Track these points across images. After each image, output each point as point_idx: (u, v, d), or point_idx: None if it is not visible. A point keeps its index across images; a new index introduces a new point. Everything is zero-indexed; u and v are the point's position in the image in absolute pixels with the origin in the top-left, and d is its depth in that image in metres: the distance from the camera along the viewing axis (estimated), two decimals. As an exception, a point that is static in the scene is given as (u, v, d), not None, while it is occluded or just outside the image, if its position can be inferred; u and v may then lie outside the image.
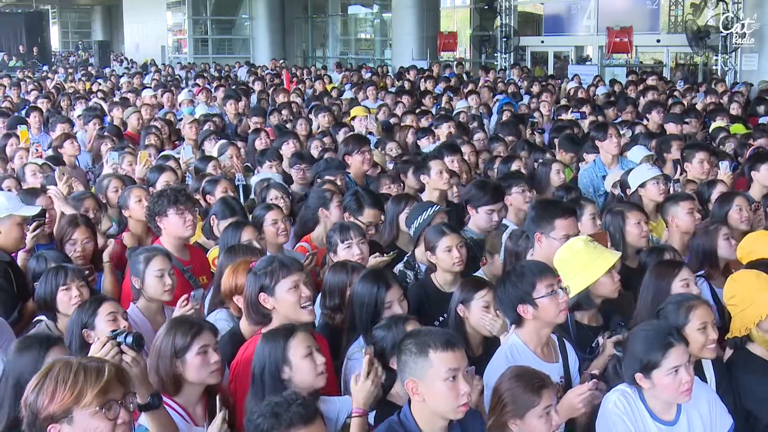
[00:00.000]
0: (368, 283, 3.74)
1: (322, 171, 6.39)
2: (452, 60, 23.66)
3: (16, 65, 30.41)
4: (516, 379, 3.02)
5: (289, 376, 3.06)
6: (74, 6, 46.34)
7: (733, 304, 3.73)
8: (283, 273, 3.47)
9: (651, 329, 3.17)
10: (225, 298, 3.94)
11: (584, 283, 3.70)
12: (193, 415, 3.15)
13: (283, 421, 2.54)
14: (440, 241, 4.29)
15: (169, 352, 3.09)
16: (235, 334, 3.70)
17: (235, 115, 10.88)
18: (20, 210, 4.60)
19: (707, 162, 6.42)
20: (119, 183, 5.93)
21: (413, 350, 2.84)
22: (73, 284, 3.97)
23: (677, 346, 3.06)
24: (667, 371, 3.04)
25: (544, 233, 4.26)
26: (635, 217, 4.74)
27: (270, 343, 3.13)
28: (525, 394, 2.97)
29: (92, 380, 2.24)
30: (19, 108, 12.75)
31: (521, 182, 5.56)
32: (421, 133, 8.60)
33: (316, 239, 5.20)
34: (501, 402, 3.01)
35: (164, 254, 4.15)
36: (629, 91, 13.49)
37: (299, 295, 3.47)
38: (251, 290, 3.51)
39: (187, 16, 31.90)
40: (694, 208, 5.02)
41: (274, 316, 3.49)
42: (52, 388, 2.24)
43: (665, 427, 3.15)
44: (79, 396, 2.22)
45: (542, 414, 2.96)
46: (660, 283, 3.88)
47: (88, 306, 3.61)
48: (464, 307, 3.80)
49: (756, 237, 4.53)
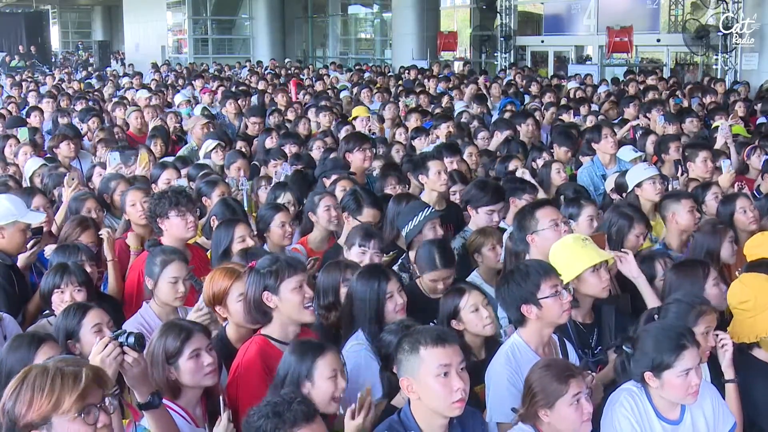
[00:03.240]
0: (367, 277, 3.73)
1: (328, 171, 6.40)
2: (452, 60, 23.68)
3: (18, 65, 30.42)
4: (545, 369, 3.03)
5: (309, 391, 3.02)
6: (74, 6, 46.30)
7: (744, 309, 3.64)
8: (289, 272, 3.44)
9: (665, 329, 3.16)
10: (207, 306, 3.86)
11: (566, 277, 3.65)
12: (194, 416, 3.16)
13: (286, 420, 2.53)
14: (429, 274, 4.22)
15: (161, 359, 3.08)
16: (221, 339, 3.69)
17: (235, 115, 10.89)
18: (25, 217, 4.62)
19: (710, 161, 6.42)
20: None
21: (406, 348, 2.85)
22: (67, 288, 3.92)
23: (690, 348, 3.06)
24: (679, 373, 3.05)
25: (534, 231, 4.28)
26: (639, 230, 4.69)
27: (298, 355, 3.10)
28: (553, 383, 2.96)
29: (69, 386, 2.20)
30: (21, 108, 12.77)
31: (535, 192, 5.58)
32: (415, 133, 8.57)
33: (312, 242, 5.18)
34: (531, 392, 3.01)
35: (182, 259, 4.08)
36: (630, 89, 13.48)
37: (303, 296, 3.45)
38: (254, 288, 3.47)
39: (187, 16, 31.88)
40: (695, 207, 5.01)
41: (275, 315, 3.47)
42: (29, 396, 2.19)
43: (670, 426, 3.16)
44: (57, 403, 2.18)
45: (572, 402, 2.94)
46: (691, 286, 3.85)
47: (73, 314, 3.51)
48: (456, 321, 3.76)
49: (763, 238, 4.50)
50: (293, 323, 3.48)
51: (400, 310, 3.70)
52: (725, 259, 4.53)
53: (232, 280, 3.70)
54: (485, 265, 4.72)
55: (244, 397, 3.23)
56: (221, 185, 5.82)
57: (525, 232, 4.32)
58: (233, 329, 3.72)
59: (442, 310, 3.82)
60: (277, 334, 3.46)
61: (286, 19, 31.51)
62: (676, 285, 3.92)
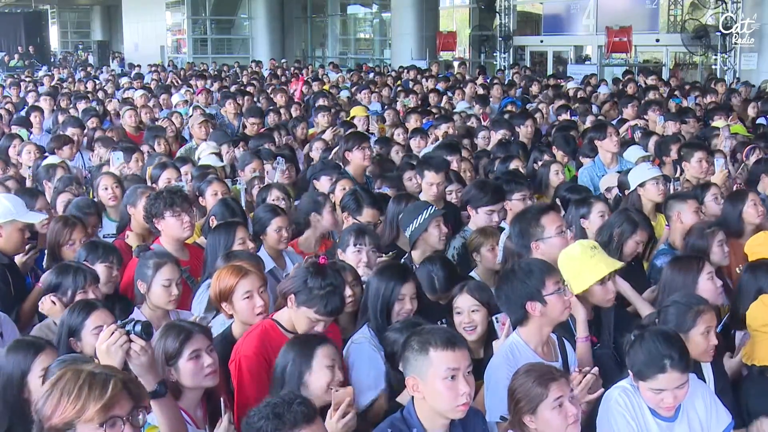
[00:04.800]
0: (387, 274, 3.78)
1: (318, 172, 6.38)
2: (452, 59, 23.68)
3: (17, 65, 30.42)
4: (525, 374, 3.02)
5: (307, 380, 3.09)
6: (73, 6, 46.23)
7: (766, 332, 3.63)
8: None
9: (655, 342, 3.12)
10: (213, 304, 3.91)
11: (574, 290, 3.65)
12: (194, 418, 3.15)
13: (286, 422, 2.52)
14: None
15: (160, 360, 3.07)
16: (226, 336, 3.70)
17: (234, 115, 10.89)
18: (24, 216, 4.61)
19: (705, 161, 6.43)
20: (109, 181, 5.84)
21: (415, 347, 2.85)
22: (90, 288, 3.91)
23: (669, 372, 3.05)
24: (653, 390, 3.08)
25: (539, 239, 4.18)
26: (640, 237, 4.67)
27: (298, 348, 3.17)
28: (534, 388, 2.95)
29: (95, 395, 2.17)
30: (18, 108, 12.76)
31: (523, 188, 5.49)
32: (413, 133, 8.56)
33: (302, 244, 5.14)
34: (514, 399, 3.01)
35: (174, 262, 4.08)
36: (628, 89, 13.48)
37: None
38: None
39: (187, 16, 31.86)
40: (700, 208, 5.03)
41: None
42: (56, 400, 2.18)
43: (665, 423, 3.17)
44: (81, 411, 2.16)
45: (554, 406, 2.93)
46: (686, 279, 3.89)
47: (78, 311, 3.51)
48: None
49: (765, 237, 4.53)
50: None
51: (405, 315, 3.73)
52: (717, 261, 4.50)
53: (238, 277, 3.70)
54: (483, 265, 4.72)
55: (244, 388, 3.27)
56: (215, 184, 5.80)
57: (528, 238, 4.22)
58: (238, 327, 3.72)
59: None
60: (286, 321, 3.49)
61: (285, 19, 31.51)
62: (670, 280, 3.95)
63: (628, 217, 4.73)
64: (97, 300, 3.76)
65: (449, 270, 4.28)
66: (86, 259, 4.21)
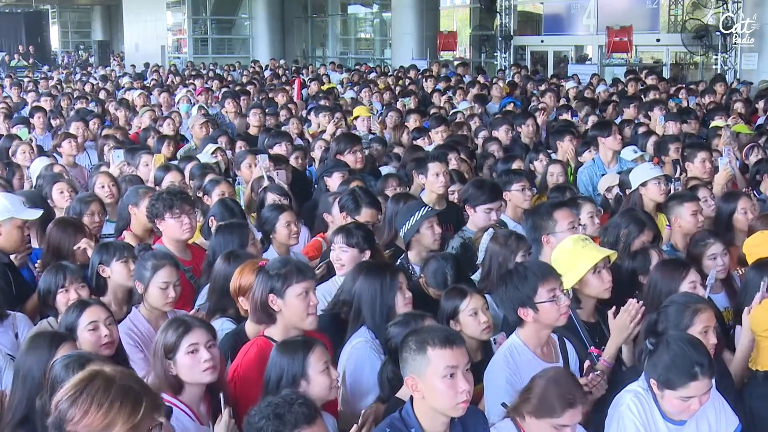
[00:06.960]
0: (375, 272, 3.77)
1: (329, 169, 6.41)
2: (452, 59, 23.66)
3: (18, 65, 30.42)
4: (554, 383, 2.98)
5: (305, 389, 3.02)
6: (74, 6, 46.22)
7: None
8: (297, 278, 3.41)
9: (683, 349, 3.07)
10: (232, 297, 3.90)
11: (568, 283, 3.66)
12: (198, 413, 3.13)
13: (287, 422, 2.53)
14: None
15: (161, 353, 3.08)
16: (239, 334, 3.68)
17: (235, 114, 10.89)
18: (22, 213, 4.61)
19: (708, 161, 6.42)
20: (106, 179, 5.87)
21: (413, 347, 2.85)
22: (71, 287, 3.96)
23: (701, 380, 3.01)
24: (682, 398, 3.04)
25: (551, 233, 4.26)
26: (646, 237, 4.65)
27: (288, 355, 3.10)
28: (552, 401, 2.94)
29: (126, 414, 2.15)
30: (19, 108, 12.76)
31: (521, 179, 5.54)
32: (416, 133, 8.57)
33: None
34: (528, 393, 3.01)
35: (173, 264, 4.05)
36: (629, 89, 13.47)
37: (308, 303, 3.42)
38: (261, 289, 3.44)
39: (187, 16, 31.84)
40: (699, 210, 5.02)
41: (278, 318, 3.46)
42: (86, 408, 2.14)
43: (675, 427, 3.16)
44: (110, 426, 2.13)
45: (557, 429, 2.94)
46: (669, 284, 3.88)
47: (72, 310, 3.51)
48: (454, 321, 3.77)
49: (763, 237, 4.49)
50: (295, 328, 3.46)
51: (409, 302, 3.74)
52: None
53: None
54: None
55: (242, 398, 3.22)
56: (223, 185, 5.83)
57: (540, 232, 4.30)
58: (251, 326, 3.67)
59: (442, 309, 3.83)
60: (279, 336, 3.44)
61: (286, 18, 31.47)
62: (654, 283, 3.95)
63: (635, 217, 4.73)
64: (92, 298, 3.76)
65: (459, 269, 4.31)
66: (101, 262, 4.23)
